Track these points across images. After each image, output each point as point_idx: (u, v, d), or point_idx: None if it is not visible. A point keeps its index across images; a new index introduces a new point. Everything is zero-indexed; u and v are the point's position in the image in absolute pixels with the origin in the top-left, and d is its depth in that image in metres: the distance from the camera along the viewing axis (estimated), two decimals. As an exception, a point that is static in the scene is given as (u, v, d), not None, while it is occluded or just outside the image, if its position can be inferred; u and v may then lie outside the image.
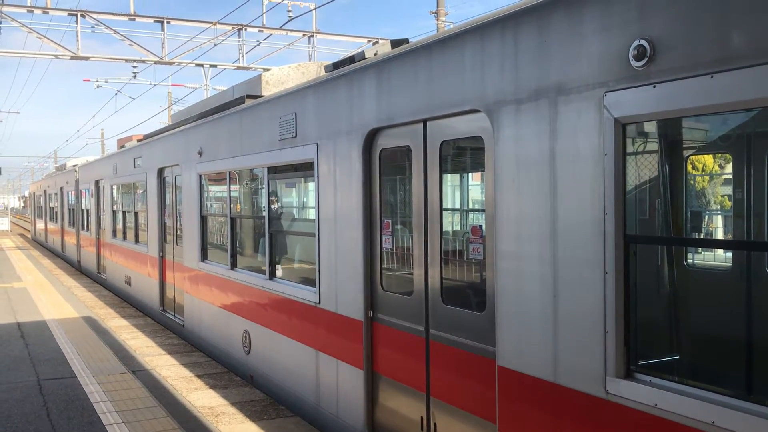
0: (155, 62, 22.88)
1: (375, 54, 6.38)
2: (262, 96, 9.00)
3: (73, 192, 24.30)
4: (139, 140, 15.80)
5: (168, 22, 22.13)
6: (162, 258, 12.86)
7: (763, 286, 3.53)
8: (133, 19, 21.99)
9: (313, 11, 24.29)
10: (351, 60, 6.67)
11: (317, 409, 6.88)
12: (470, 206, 5.86)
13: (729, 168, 4.41)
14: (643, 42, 3.40)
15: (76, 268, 23.45)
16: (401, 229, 5.78)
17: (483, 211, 4.75)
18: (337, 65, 6.88)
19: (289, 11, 23.90)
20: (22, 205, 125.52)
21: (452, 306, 5.04)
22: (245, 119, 8.63)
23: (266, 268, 8.03)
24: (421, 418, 5.36)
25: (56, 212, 29.62)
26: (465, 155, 5.51)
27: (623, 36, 3.52)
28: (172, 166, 12.00)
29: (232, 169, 9.12)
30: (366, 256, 5.99)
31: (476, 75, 4.59)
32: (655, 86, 3.36)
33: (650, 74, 3.39)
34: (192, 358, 9.86)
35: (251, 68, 24.30)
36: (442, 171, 5.18)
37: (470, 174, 5.84)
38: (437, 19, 25.54)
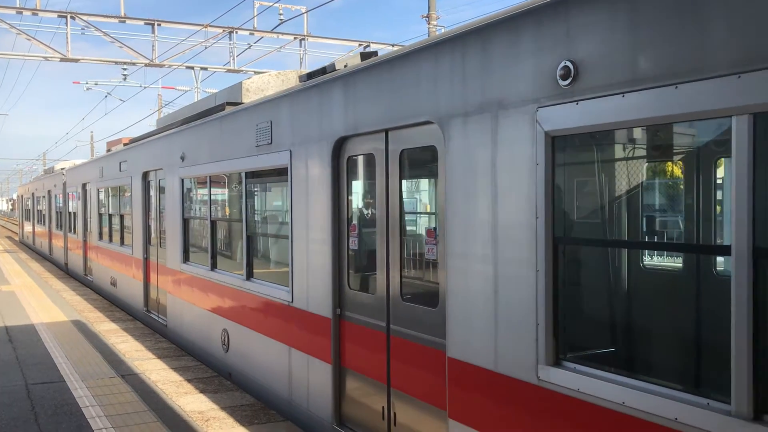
0: (146, 65, 22.87)
1: (345, 66, 6.75)
2: (242, 103, 9.35)
3: (60, 195, 24.52)
4: (125, 144, 16.10)
5: (159, 25, 22.16)
6: (146, 260, 13.17)
7: (673, 280, 3.92)
8: (124, 21, 21.93)
9: (305, 14, 24.22)
10: (323, 71, 7.04)
11: (290, 403, 7.24)
12: (427, 211, 6.24)
13: (649, 175, 4.82)
14: (568, 63, 3.79)
15: (64, 271, 23.67)
16: (366, 231, 6.15)
17: (437, 214, 5.13)
18: (310, 75, 7.25)
19: (281, 14, 23.85)
20: (11, 207, 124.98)
21: (410, 303, 5.42)
22: (225, 126, 8.99)
23: (244, 269, 8.38)
24: (383, 408, 5.73)
25: (44, 215, 29.80)
26: (422, 163, 5.88)
27: (552, 57, 3.92)
28: (156, 170, 12.33)
29: (213, 174, 9.47)
30: (334, 257, 6.36)
31: (430, 89, 4.98)
32: (578, 103, 3.75)
33: (574, 92, 3.78)
34: (181, 362, 9.85)
35: (242, 71, 24.27)
36: (402, 177, 5.56)
37: (427, 180, 6.22)
38: (428, 24, 25.45)
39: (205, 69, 25.81)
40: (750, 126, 2.95)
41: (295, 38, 24.58)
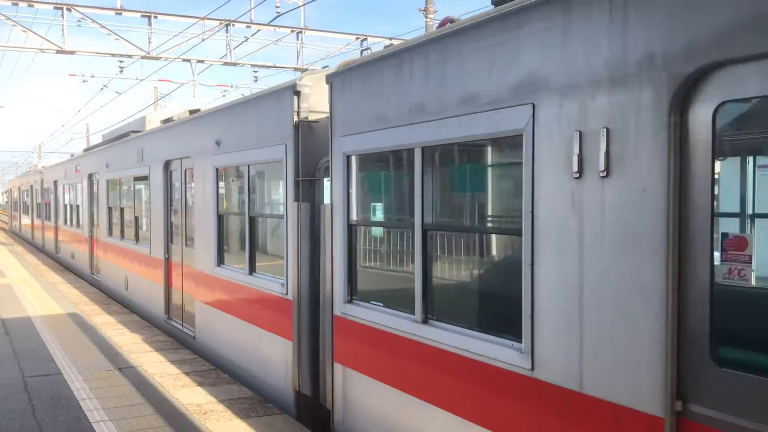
0: (142, 57, 22.41)
1: (178, 117, 11.88)
2: (142, 131, 14.49)
3: (39, 189, 29.65)
4: (84, 150, 21.21)
5: (155, 17, 21.79)
6: (91, 236, 18.35)
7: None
8: (120, 14, 21.48)
9: (302, 7, 24.02)
10: (169, 120, 12.20)
11: (149, 312, 12.45)
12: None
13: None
14: (218, 137, 8.94)
15: (40, 250, 28.84)
16: (176, 212, 11.33)
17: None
18: (165, 121, 12.40)
19: (278, 7, 22.41)
20: (5, 200, 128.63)
21: (188, 248, 10.60)
22: (125, 147, 14.16)
23: (134, 237, 13.58)
24: (175, 303, 10.92)
25: (28, 206, 34.99)
26: (194, 177, 11.01)
27: (216, 134, 9.04)
28: (95, 173, 17.49)
29: (121, 177, 14.64)
30: (165, 227, 11.54)
31: (188, 140, 10.13)
32: (222, 155, 8.88)
33: (220, 151, 8.92)
34: (179, 355, 9.83)
35: (238, 64, 24.30)
36: (188, 183, 10.72)
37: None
38: (426, 17, 25.22)
39: (202, 62, 24.63)
40: (293, 165, 8.11)
41: (292, 31, 24.06)
